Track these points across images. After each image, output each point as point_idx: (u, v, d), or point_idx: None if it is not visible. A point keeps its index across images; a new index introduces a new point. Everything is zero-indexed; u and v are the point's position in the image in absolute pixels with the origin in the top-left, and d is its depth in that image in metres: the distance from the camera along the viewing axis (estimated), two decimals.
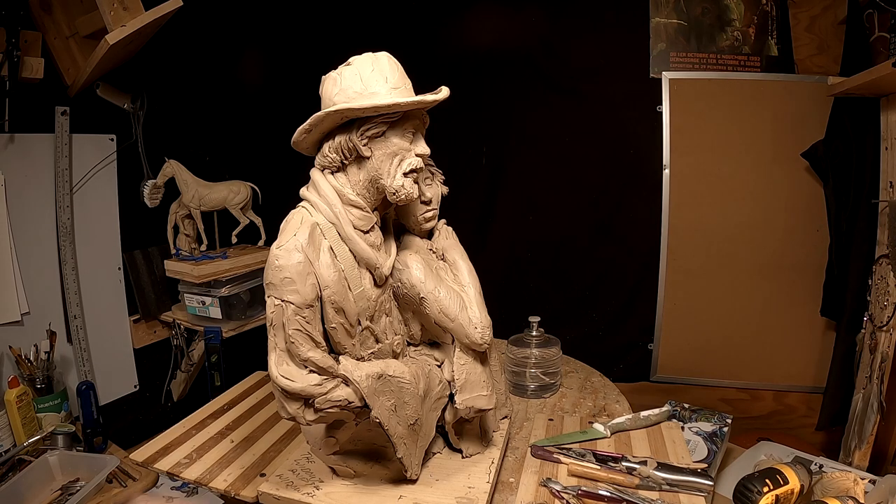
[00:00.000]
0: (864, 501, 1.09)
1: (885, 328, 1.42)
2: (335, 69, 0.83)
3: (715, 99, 1.75)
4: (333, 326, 0.81)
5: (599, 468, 0.94)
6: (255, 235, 1.90)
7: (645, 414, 1.13)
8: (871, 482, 1.25)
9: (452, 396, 0.91)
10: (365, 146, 0.80)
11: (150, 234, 1.76)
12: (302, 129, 0.81)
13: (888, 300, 1.42)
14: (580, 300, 1.93)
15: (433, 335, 0.96)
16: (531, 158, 1.90)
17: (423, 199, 0.95)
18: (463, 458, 0.96)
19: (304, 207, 0.84)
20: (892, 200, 1.42)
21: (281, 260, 0.76)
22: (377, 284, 0.86)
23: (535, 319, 1.37)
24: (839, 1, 1.62)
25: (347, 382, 0.79)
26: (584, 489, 0.90)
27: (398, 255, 0.90)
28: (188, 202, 1.72)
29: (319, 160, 0.83)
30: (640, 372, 1.92)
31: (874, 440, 1.46)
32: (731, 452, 1.48)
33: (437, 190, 0.99)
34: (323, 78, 0.84)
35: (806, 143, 1.68)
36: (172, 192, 1.74)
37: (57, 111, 1.50)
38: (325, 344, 0.80)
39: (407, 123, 0.81)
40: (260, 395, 1.31)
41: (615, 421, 1.10)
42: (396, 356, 0.91)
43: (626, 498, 0.88)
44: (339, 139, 0.80)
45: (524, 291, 1.96)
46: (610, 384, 1.43)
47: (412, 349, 0.96)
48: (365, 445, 0.92)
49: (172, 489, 1.32)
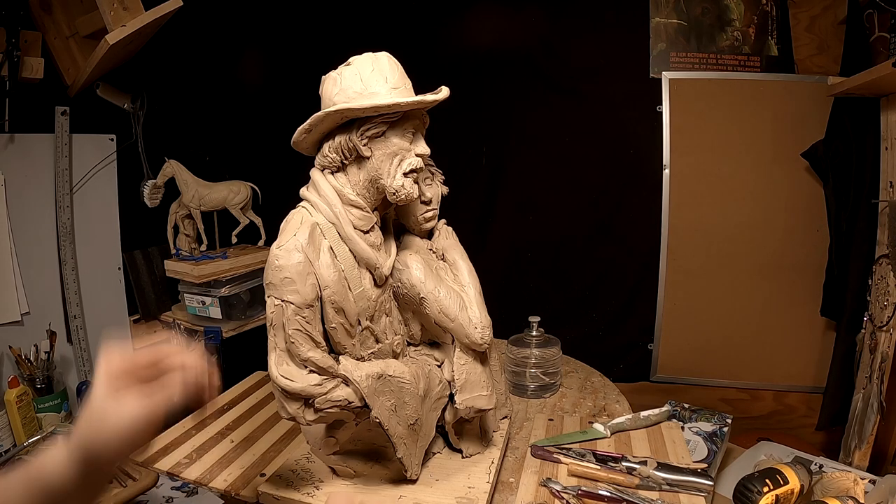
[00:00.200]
0: (864, 501, 1.09)
1: (885, 328, 1.42)
2: (335, 69, 0.83)
3: (715, 99, 1.75)
4: (333, 326, 0.81)
5: (599, 468, 0.94)
6: (255, 235, 1.90)
7: (645, 414, 1.13)
8: (871, 482, 1.25)
9: (452, 396, 0.91)
10: (365, 146, 0.80)
11: (150, 234, 1.76)
12: (302, 129, 0.81)
13: (888, 300, 1.42)
14: (580, 300, 1.93)
15: (433, 335, 0.96)
16: (531, 158, 1.90)
17: (423, 199, 0.95)
18: (463, 458, 0.96)
19: (304, 207, 0.83)
20: (892, 200, 1.42)
21: (281, 260, 0.76)
22: (377, 284, 0.86)
23: (535, 319, 1.37)
24: (839, 1, 1.62)
25: (347, 382, 0.79)
26: (584, 489, 0.90)
27: (398, 255, 0.90)
28: (188, 202, 1.72)
29: (319, 160, 0.83)
30: (640, 372, 1.92)
31: (874, 440, 1.46)
32: (731, 452, 1.48)
33: (437, 190, 0.99)
34: (323, 78, 0.84)
35: (806, 143, 1.68)
36: (172, 192, 1.74)
37: (57, 111, 1.50)
38: (325, 344, 0.80)
39: (407, 123, 0.81)
40: (260, 395, 1.31)
41: (615, 421, 1.10)
42: (396, 356, 0.91)
43: (626, 498, 0.88)
44: (339, 139, 0.80)
45: (524, 291, 1.96)
46: (610, 384, 1.43)
47: (412, 349, 0.96)
48: (365, 445, 0.92)
49: (172, 489, 1.32)
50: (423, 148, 0.84)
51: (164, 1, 1.37)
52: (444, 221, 1.02)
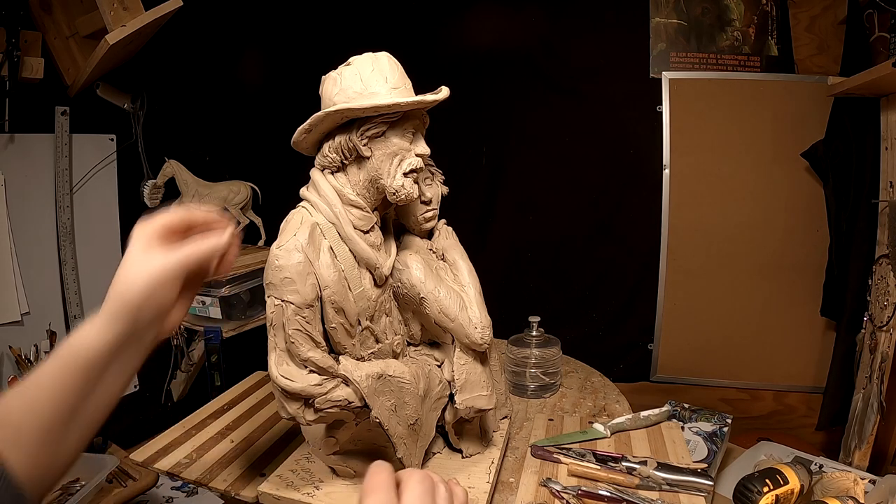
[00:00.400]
0: (864, 501, 1.09)
1: (885, 328, 1.42)
2: (335, 69, 0.83)
3: (715, 99, 1.75)
4: (333, 326, 0.81)
5: (599, 468, 0.94)
6: (255, 235, 1.90)
7: (645, 414, 1.13)
8: (871, 482, 1.25)
9: (452, 396, 0.91)
10: (365, 146, 0.80)
11: None
12: (302, 129, 0.80)
13: (888, 300, 1.42)
14: (580, 300, 1.93)
15: (433, 335, 0.96)
16: (531, 158, 1.90)
17: (423, 199, 0.95)
18: (463, 458, 0.96)
19: (303, 207, 0.83)
20: (892, 200, 1.42)
21: (281, 260, 0.76)
22: (377, 284, 0.86)
23: (535, 319, 1.37)
24: (839, 1, 1.62)
25: (347, 382, 0.79)
26: (584, 489, 0.90)
27: (398, 255, 0.90)
28: (188, 202, 1.72)
29: (319, 160, 0.83)
30: (640, 372, 1.92)
31: (874, 440, 1.46)
32: (731, 452, 1.48)
33: (437, 190, 0.99)
34: (323, 78, 0.84)
35: (806, 143, 1.68)
36: (172, 192, 1.74)
37: (57, 111, 1.50)
38: (325, 344, 0.80)
39: (407, 123, 0.81)
40: (260, 395, 1.31)
41: (615, 421, 1.10)
42: (396, 356, 0.91)
43: (626, 498, 0.88)
44: (339, 139, 0.80)
45: (524, 291, 1.96)
46: (610, 384, 1.43)
47: (412, 349, 0.96)
48: (365, 445, 0.92)
49: (172, 489, 1.32)
50: (423, 148, 0.84)
51: (164, 1, 1.37)
52: (444, 221, 1.02)
